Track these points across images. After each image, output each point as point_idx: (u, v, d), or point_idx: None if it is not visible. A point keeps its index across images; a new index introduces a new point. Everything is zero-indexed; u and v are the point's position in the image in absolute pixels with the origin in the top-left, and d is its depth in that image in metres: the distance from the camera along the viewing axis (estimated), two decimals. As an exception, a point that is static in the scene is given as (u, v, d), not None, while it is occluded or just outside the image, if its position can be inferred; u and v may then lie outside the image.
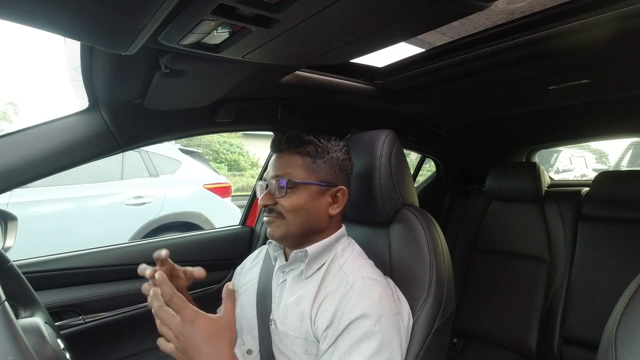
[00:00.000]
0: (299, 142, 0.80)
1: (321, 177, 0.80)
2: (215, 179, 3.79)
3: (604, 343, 0.48)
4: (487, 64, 1.04)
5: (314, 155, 0.80)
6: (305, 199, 0.78)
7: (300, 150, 0.80)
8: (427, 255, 0.83)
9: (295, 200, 0.78)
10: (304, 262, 0.79)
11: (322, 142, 0.81)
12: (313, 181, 0.79)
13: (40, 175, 0.92)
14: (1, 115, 9.05)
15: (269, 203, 0.79)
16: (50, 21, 0.55)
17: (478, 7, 0.59)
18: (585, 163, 7.56)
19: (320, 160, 0.81)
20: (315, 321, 0.72)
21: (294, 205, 0.78)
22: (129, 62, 0.77)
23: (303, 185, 0.79)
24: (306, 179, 0.79)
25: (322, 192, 0.80)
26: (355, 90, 1.28)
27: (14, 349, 0.48)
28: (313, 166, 0.80)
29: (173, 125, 1.12)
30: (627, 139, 5.24)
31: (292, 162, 0.80)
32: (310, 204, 0.79)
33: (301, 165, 0.79)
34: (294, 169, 0.79)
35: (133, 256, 1.25)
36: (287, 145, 0.81)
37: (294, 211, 0.78)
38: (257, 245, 1.50)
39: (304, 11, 0.55)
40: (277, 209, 0.79)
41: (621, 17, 0.76)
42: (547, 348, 1.56)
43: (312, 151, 0.80)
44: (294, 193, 0.78)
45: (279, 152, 0.83)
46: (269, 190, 0.80)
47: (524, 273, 1.70)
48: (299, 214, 0.78)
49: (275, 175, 0.80)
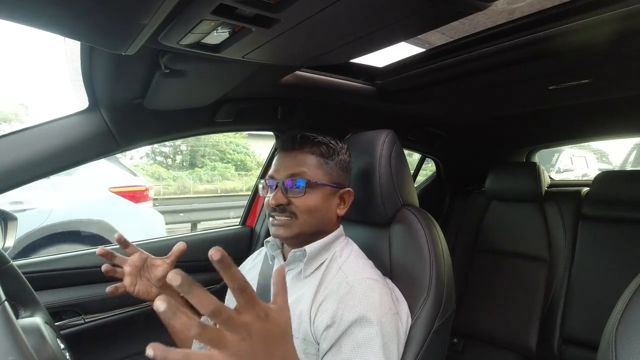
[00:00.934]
0: (313, 142, 0.79)
1: (333, 178, 0.80)
2: (126, 182, 3.22)
3: (604, 343, 0.48)
4: (487, 64, 1.04)
5: (326, 156, 0.80)
6: (321, 199, 0.78)
7: (314, 150, 0.79)
8: (427, 255, 0.83)
9: (311, 201, 0.77)
10: (302, 261, 0.79)
11: (333, 143, 0.81)
12: (327, 182, 0.79)
13: (40, 175, 0.92)
14: (13, 116, 9.09)
15: (282, 202, 0.77)
16: (51, 21, 0.55)
17: (478, 7, 0.59)
18: (587, 163, 7.56)
19: (332, 161, 0.80)
20: (315, 321, 0.71)
21: (309, 206, 0.77)
22: (129, 62, 0.77)
23: (319, 186, 0.78)
24: (322, 180, 0.78)
25: (333, 193, 0.81)
26: (355, 90, 1.27)
27: (14, 349, 0.48)
28: (326, 167, 0.79)
29: (173, 125, 1.12)
30: (629, 139, 5.24)
31: (307, 162, 0.78)
32: (323, 205, 0.78)
33: (316, 165, 0.79)
34: (310, 169, 0.78)
35: None
36: (301, 144, 0.79)
37: (309, 212, 0.77)
38: (257, 245, 1.50)
39: (303, 11, 0.56)
40: (291, 209, 0.77)
41: (621, 17, 0.76)
42: (547, 348, 1.56)
43: (324, 152, 0.79)
44: (310, 193, 0.77)
45: (291, 150, 0.80)
46: (281, 189, 0.78)
47: (524, 273, 1.70)
48: (313, 215, 0.77)
49: (291, 174, 0.77)
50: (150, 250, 1.32)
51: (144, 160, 10.77)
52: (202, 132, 1.25)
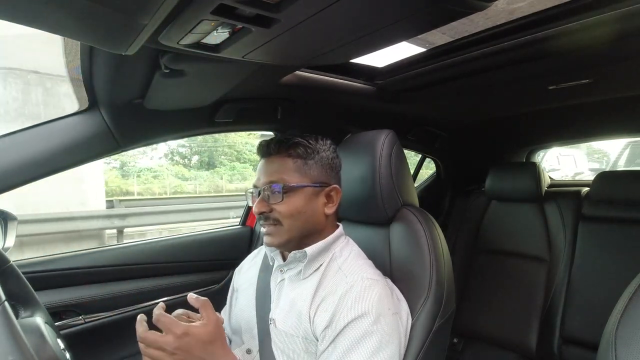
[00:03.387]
0: (288, 145, 0.78)
1: (314, 178, 0.79)
2: None
3: (604, 343, 0.48)
4: (487, 64, 1.04)
5: (304, 157, 0.79)
6: (302, 202, 0.77)
7: (291, 153, 0.78)
8: (427, 255, 0.83)
9: (292, 205, 0.76)
10: (302, 262, 0.79)
11: (311, 143, 0.80)
12: (307, 183, 0.78)
13: (40, 175, 0.92)
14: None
15: (264, 210, 0.77)
16: (51, 21, 0.55)
17: (478, 7, 0.59)
18: (575, 162, 7.46)
19: (311, 161, 0.79)
20: (314, 321, 0.72)
21: (290, 210, 0.76)
22: (129, 62, 0.77)
23: (298, 189, 0.77)
24: (300, 182, 0.77)
25: (316, 193, 0.80)
26: (355, 90, 1.27)
27: (14, 349, 0.48)
28: (305, 168, 0.78)
29: (173, 125, 1.12)
30: (626, 138, 5.23)
31: (284, 166, 0.78)
32: (307, 206, 0.78)
33: (293, 168, 0.78)
34: (287, 173, 0.77)
35: (133, 256, 1.25)
36: (277, 149, 0.79)
37: (291, 216, 0.76)
38: (257, 245, 1.50)
39: (304, 11, 0.55)
40: (274, 216, 0.77)
41: (621, 17, 0.76)
42: (547, 348, 1.56)
43: (302, 153, 0.78)
44: (289, 197, 0.76)
45: (268, 156, 0.80)
46: (263, 197, 0.77)
47: (524, 273, 1.70)
48: (296, 218, 0.77)
49: (269, 182, 0.77)
50: (151, 249, 1.32)
51: (163, 161, 10.90)
52: (202, 132, 1.25)
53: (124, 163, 9.80)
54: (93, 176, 5.08)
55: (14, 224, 0.82)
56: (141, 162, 10.54)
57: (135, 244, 1.33)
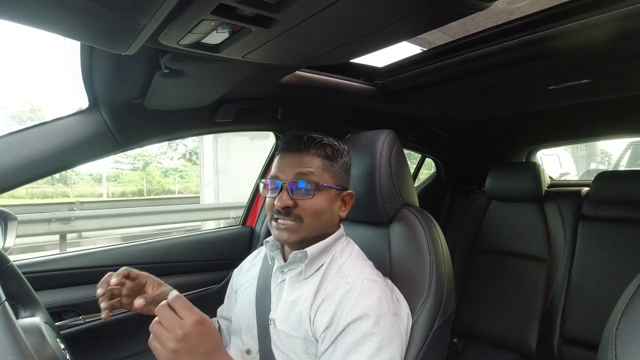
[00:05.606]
0: (320, 144, 0.78)
1: (337, 180, 0.79)
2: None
3: (604, 343, 0.48)
4: (487, 64, 1.04)
5: (331, 159, 0.79)
6: (326, 202, 0.77)
7: (320, 153, 0.78)
8: (427, 255, 0.83)
9: (318, 204, 0.75)
10: (303, 262, 0.79)
11: (337, 146, 0.80)
12: (333, 185, 0.78)
13: (40, 175, 0.92)
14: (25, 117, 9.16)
15: (289, 204, 0.74)
16: (51, 21, 0.55)
17: (478, 7, 0.59)
18: (560, 162, 7.36)
19: (336, 164, 0.79)
20: (314, 322, 0.71)
21: (315, 209, 0.75)
22: (129, 62, 0.77)
23: (326, 189, 0.77)
24: (329, 182, 0.77)
25: (337, 195, 0.80)
26: (355, 90, 1.28)
27: (14, 349, 0.48)
28: (331, 169, 0.78)
29: (173, 125, 1.12)
30: (626, 138, 5.23)
31: (314, 163, 0.77)
32: (329, 207, 0.77)
33: (322, 167, 0.77)
34: (317, 171, 0.76)
35: (133, 256, 1.25)
36: (308, 145, 0.77)
37: (315, 215, 0.75)
38: (257, 245, 1.50)
39: (304, 11, 0.56)
40: (297, 212, 0.75)
41: (621, 17, 0.76)
42: (547, 348, 1.56)
43: (330, 154, 0.78)
44: (317, 196, 0.75)
45: (297, 151, 0.78)
46: (287, 190, 0.74)
47: (524, 273, 1.70)
48: (319, 218, 0.76)
49: (298, 174, 0.75)
50: (151, 249, 1.32)
51: (181, 162, 10.90)
52: (202, 132, 1.25)
53: (147, 163, 9.82)
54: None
55: (14, 224, 0.82)
56: (165, 162, 10.63)
57: (135, 244, 1.32)
